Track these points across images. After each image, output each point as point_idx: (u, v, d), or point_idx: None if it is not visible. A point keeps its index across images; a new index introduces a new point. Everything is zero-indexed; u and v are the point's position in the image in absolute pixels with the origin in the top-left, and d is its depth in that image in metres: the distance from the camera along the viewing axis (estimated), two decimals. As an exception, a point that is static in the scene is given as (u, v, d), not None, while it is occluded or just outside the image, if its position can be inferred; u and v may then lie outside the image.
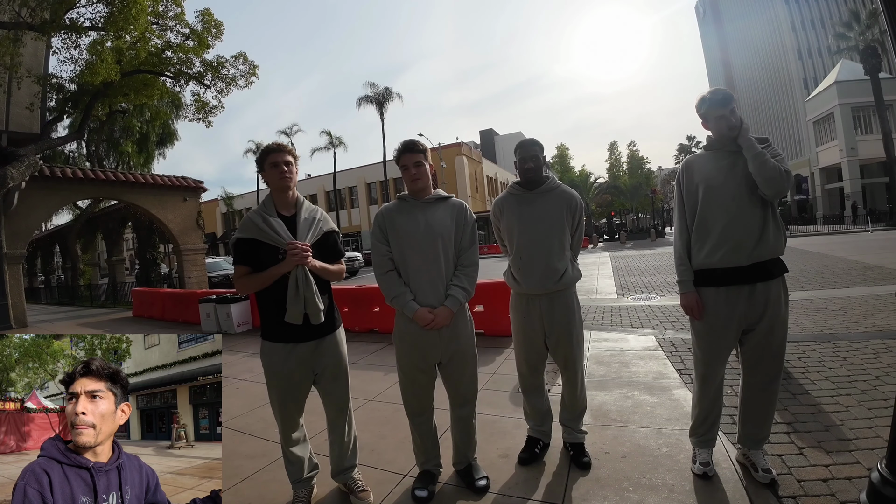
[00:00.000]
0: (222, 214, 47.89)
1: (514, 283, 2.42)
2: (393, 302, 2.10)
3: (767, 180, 1.93)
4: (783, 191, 1.97)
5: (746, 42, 55.33)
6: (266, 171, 2.07)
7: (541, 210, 2.34)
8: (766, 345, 2.05)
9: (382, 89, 33.59)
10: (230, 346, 6.19)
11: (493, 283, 5.65)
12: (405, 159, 2.13)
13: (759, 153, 1.95)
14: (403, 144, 2.16)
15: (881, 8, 1.86)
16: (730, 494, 2.00)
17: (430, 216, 2.12)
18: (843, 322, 4.99)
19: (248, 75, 11.76)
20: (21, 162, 9.23)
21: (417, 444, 2.27)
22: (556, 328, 2.33)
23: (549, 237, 2.31)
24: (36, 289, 23.33)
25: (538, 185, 2.38)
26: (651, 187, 42.56)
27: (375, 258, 2.17)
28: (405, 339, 2.15)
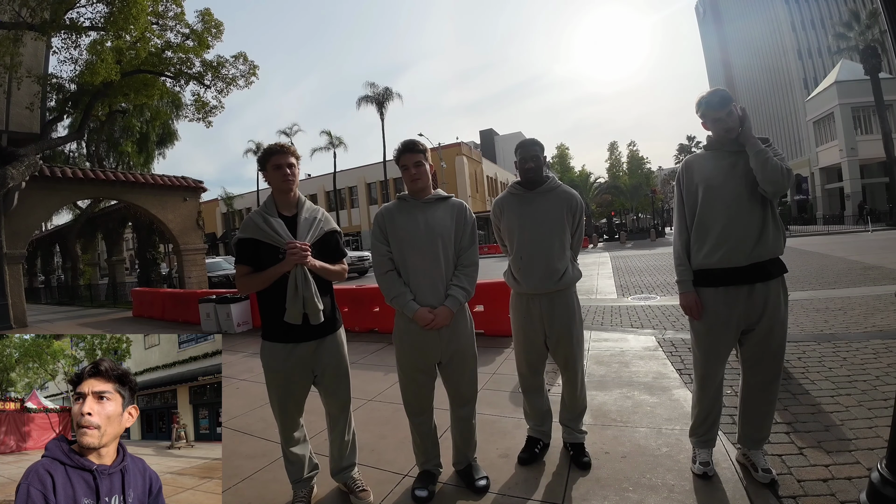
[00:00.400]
0: (222, 214, 47.91)
1: (515, 283, 2.42)
2: (393, 302, 2.10)
3: (768, 178, 1.92)
4: (783, 189, 1.97)
5: (746, 42, 55.34)
6: (268, 172, 2.07)
7: (541, 210, 2.34)
8: (766, 345, 2.05)
9: (382, 89, 33.61)
10: (230, 346, 6.19)
11: (493, 283, 5.65)
12: (405, 159, 2.13)
13: (762, 150, 1.95)
14: (403, 144, 2.16)
15: (881, 8, 1.86)
16: (730, 494, 2.00)
17: (430, 216, 2.12)
18: (843, 322, 4.99)
19: (248, 75, 11.77)
20: (21, 162, 9.24)
21: (417, 444, 2.27)
22: (557, 328, 2.33)
23: (549, 237, 2.31)
24: (36, 289, 23.34)
25: (538, 184, 2.38)
26: (651, 187, 42.57)
27: (375, 258, 2.17)
28: (405, 339, 2.15)
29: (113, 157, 21.95)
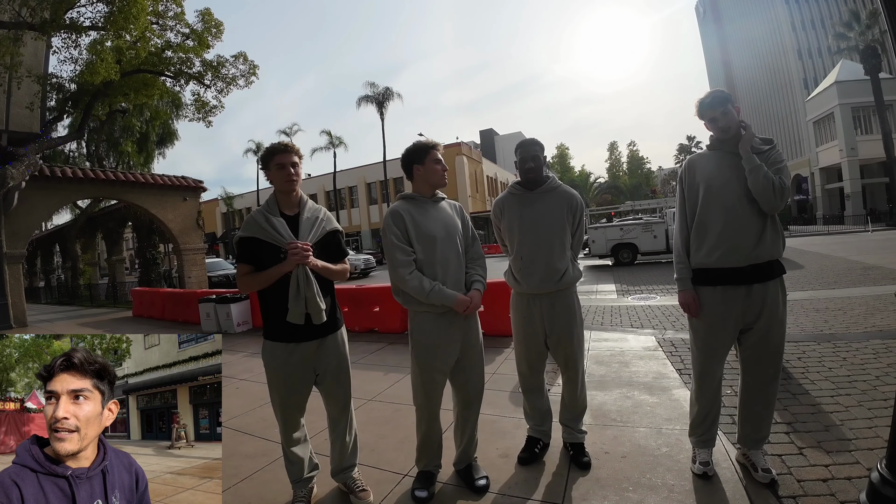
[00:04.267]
0: (222, 214, 47.88)
1: (515, 282, 2.44)
2: (430, 296, 2.04)
3: (760, 196, 1.94)
4: (775, 206, 1.96)
5: (746, 42, 55.30)
6: (272, 171, 2.06)
7: (541, 210, 2.35)
8: (765, 345, 2.05)
9: (383, 89, 33.57)
10: (230, 345, 6.19)
11: (493, 282, 5.60)
12: (433, 155, 2.20)
13: (756, 167, 1.95)
14: (429, 143, 2.23)
15: (881, 8, 1.86)
16: (729, 494, 2.00)
17: (443, 214, 2.21)
18: (843, 322, 4.99)
19: (248, 75, 11.76)
20: (21, 161, 9.23)
21: (427, 446, 2.23)
22: (557, 328, 2.33)
23: (549, 237, 2.31)
24: (36, 288, 23.33)
25: (539, 185, 2.38)
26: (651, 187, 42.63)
27: (399, 258, 2.08)
28: (431, 338, 2.11)
29: (113, 157, 21.95)
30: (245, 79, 11.78)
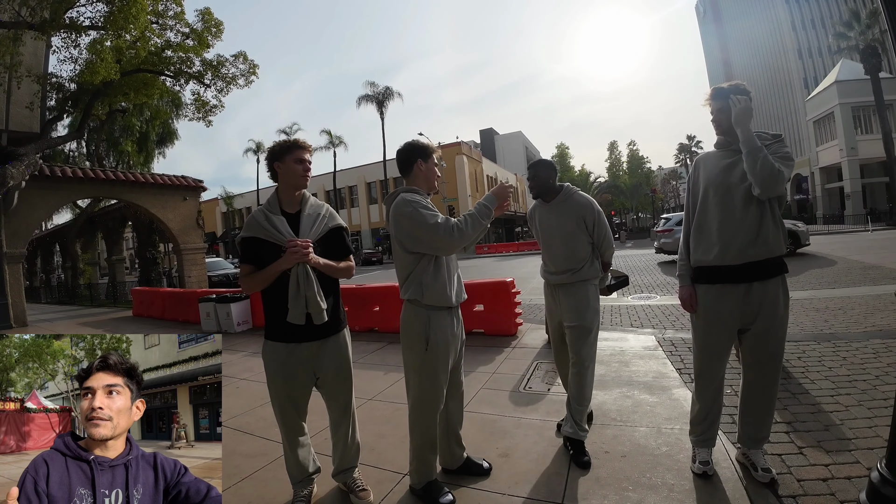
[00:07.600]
0: (222, 214, 47.90)
1: (545, 273, 2.78)
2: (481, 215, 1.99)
3: (756, 177, 1.91)
4: (773, 191, 1.92)
5: (746, 41, 55.31)
6: (287, 165, 2.01)
7: (556, 220, 2.66)
8: (765, 344, 2.05)
9: (383, 88, 33.62)
10: (230, 345, 6.19)
11: (493, 282, 5.66)
12: (435, 158, 2.24)
13: (755, 149, 1.92)
14: (433, 146, 2.26)
15: (881, 8, 1.85)
16: (729, 494, 2.00)
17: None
18: (843, 322, 4.99)
19: (248, 74, 11.77)
20: (21, 161, 9.23)
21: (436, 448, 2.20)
22: (568, 314, 2.57)
23: (564, 242, 2.61)
24: (36, 288, 23.31)
25: (552, 196, 2.69)
26: (651, 187, 42.65)
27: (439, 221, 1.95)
28: (447, 338, 2.08)
29: (113, 157, 21.95)
30: (245, 78, 11.80)
